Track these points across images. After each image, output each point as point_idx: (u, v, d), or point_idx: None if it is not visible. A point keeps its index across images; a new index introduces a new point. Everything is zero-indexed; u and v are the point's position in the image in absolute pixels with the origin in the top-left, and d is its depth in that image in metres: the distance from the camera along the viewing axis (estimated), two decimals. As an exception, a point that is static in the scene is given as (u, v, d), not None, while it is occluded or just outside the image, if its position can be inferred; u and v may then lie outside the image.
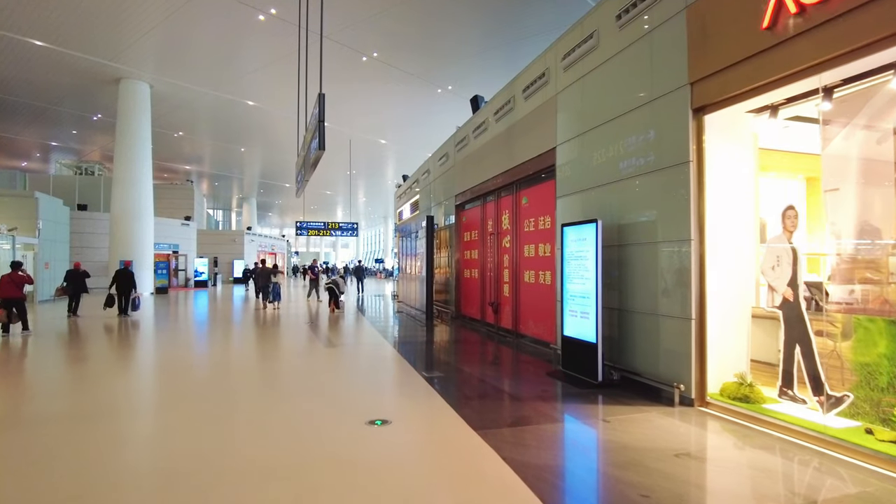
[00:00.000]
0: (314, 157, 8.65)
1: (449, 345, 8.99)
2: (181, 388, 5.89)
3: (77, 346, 9.00)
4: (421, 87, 23.57)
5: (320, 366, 7.05)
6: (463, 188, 11.74)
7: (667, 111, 5.36)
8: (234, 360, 7.55)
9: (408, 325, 11.49)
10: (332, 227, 28.89)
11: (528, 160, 8.50)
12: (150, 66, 20.69)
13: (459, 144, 11.94)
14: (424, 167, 15.81)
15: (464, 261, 12.11)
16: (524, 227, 8.87)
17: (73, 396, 5.54)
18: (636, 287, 5.84)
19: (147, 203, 21.98)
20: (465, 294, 12.01)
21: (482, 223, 10.82)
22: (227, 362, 7.35)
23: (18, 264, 10.15)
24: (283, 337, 10.02)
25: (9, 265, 10.23)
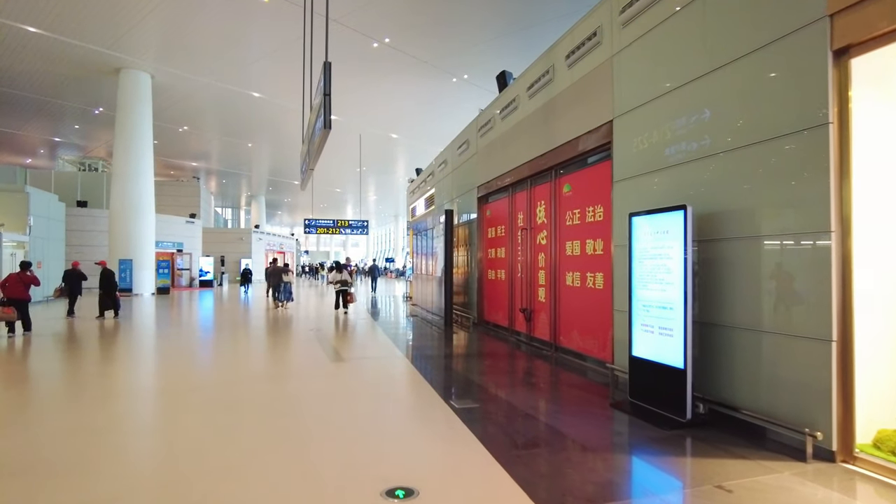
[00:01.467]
0: (319, 139, 7.33)
1: (476, 360, 7.62)
2: (130, 429, 4.58)
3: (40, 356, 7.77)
4: (434, 76, 22.21)
5: (323, 391, 5.68)
6: (487, 178, 10.36)
7: (793, 55, 3.93)
8: (213, 384, 6.17)
9: (425, 333, 10.14)
10: (342, 225, 27.67)
11: (572, 140, 7.10)
12: (151, 54, 19.54)
13: (483, 129, 10.56)
14: (441, 158, 14.46)
15: (487, 260, 10.73)
16: (566, 220, 7.47)
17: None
18: (733, 295, 4.42)
19: (148, 199, 20.84)
20: (490, 298, 10.64)
21: (510, 217, 9.44)
22: (203, 387, 5.99)
23: (28, 265, 10.03)
24: (283, 348, 8.71)
25: (18, 265, 10.18)
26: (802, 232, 3.85)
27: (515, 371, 6.94)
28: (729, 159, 4.47)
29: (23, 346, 8.53)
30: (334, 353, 7.84)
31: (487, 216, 10.71)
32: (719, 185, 4.58)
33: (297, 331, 10.67)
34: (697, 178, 4.81)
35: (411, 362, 7.17)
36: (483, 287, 10.91)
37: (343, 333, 10.25)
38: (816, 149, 3.73)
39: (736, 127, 4.40)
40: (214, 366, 7.10)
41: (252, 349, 8.59)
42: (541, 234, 8.23)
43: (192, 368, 7.09)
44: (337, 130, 27.02)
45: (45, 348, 8.52)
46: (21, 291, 9.52)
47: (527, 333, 8.69)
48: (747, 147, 4.28)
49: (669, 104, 5.18)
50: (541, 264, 8.23)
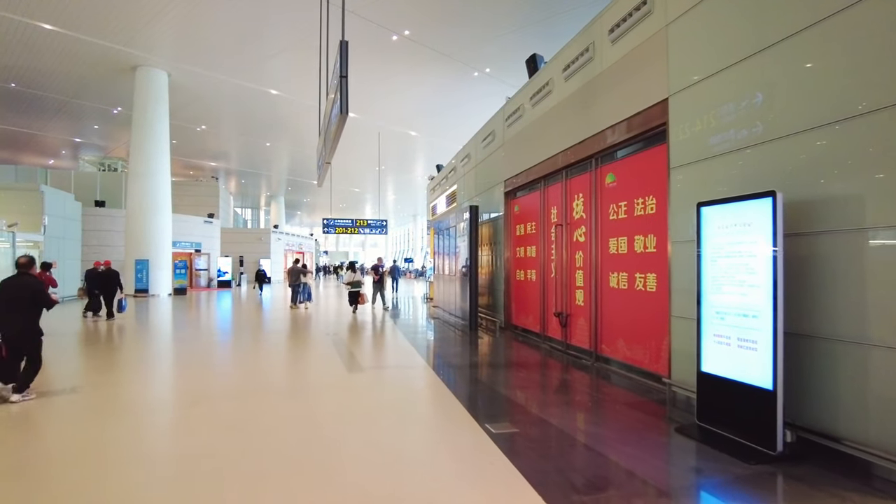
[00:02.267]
0: (336, 127, 6.66)
1: (508, 371, 6.85)
2: (106, 457, 3.93)
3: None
4: (455, 70, 21.51)
5: (338, 409, 4.96)
6: (515, 171, 9.59)
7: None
8: (217, 397, 5.49)
9: (449, 338, 9.42)
10: (361, 225, 27.13)
11: (616, 124, 6.31)
12: (167, 51, 19.21)
13: (511, 118, 9.80)
14: (463, 152, 13.73)
15: (516, 260, 9.96)
16: (609, 214, 6.68)
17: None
18: (833, 300, 3.60)
19: (165, 198, 20.52)
20: (518, 300, 9.86)
21: (542, 212, 8.66)
22: (204, 401, 5.34)
23: (48, 265, 9.90)
24: (297, 355, 8.07)
25: (39, 265, 9.64)
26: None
27: (554, 384, 6.16)
28: (830, 134, 3.64)
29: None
30: (352, 362, 7.16)
31: (515, 212, 9.94)
32: (816, 167, 3.75)
33: (313, 335, 10.04)
34: (786, 158, 3.99)
35: (436, 373, 6.44)
36: (510, 289, 10.14)
37: (362, 338, 9.59)
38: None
39: (839, 94, 3.58)
40: (220, 376, 6.46)
41: (263, 356, 7.96)
42: (578, 230, 7.44)
43: (195, 379, 6.48)
44: (356, 128, 26.47)
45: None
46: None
47: (562, 340, 7.90)
48: (858, 118, 3.46)
49: (746, 73, 4.37)
50: (578, 264, 7.44)
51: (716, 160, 4.68)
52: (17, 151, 31.97)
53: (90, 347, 8.63)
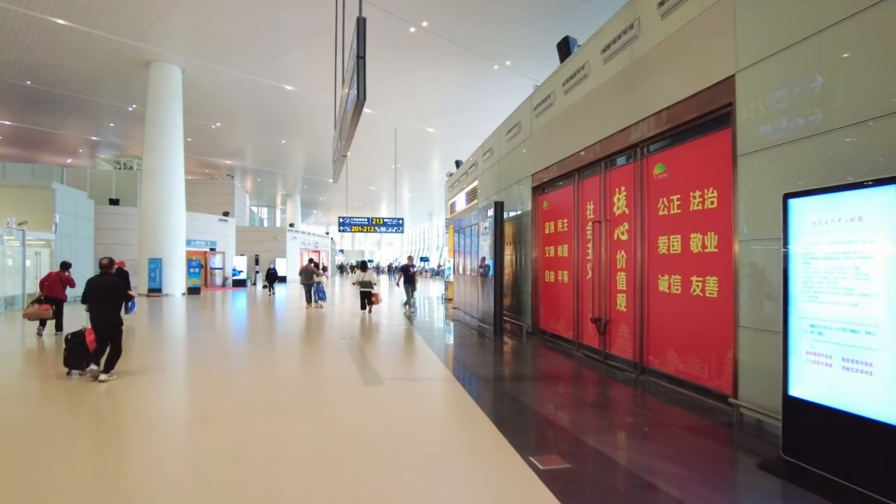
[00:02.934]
0: (352, 114, 6.05)
1: (545, 385, 6.15)
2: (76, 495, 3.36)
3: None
4: (474, 63, 20.82)
5: (354, 433, 4.30)
6: (545, 164, 8.89)
7: None
8: (219, 415, 4.81)
9: (472, 344, 8.75)
10: (377, 223, 26.58)
11: (667, 107, 5.58)
12: (180, 45, 18.83)
13: (539, 107, 9.09)
14: (485, 146, 13.04)
15: (544, 260, 9.25)
16: (657, 209, 5.95)
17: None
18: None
19: (178, 196, 20.16)
20: (548, 304, 9.15)
21: (576, 208, 7.94)
22: (204, 420, 4.71)
23: (68, 265, 10.01)
24: (309, 363, 7.47)
25: (59, 264, 10.16)
26: None
27: (599, 402, 5.45)
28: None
29: (42, 348, 8.25)
30: (369, 371, 6.54)
31: (544, 209, 9.23)
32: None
33: (327, 338, 9.46)
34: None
35: (463, 387, 5.77)
36: (538, 291, 9.44)
37: (379, 343, 8.97)
38: None
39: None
40: (225, 388, 5.87)
41: (273, 364, 7.38)
42: (620, 227, 6.72)
43: (197, 391, 5.91)
44: (371, 125, 25.83)
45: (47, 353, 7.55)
46: (59, 291, 9.50)
47: (600, 349, 7.18)
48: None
49: (838, 38, 3.63)
50: (620, 265, 6.72)
51: (802, 144, 3.95)
52: (36, 150, 32.08)
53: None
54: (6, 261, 13.00)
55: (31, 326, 10.13)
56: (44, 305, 9.16)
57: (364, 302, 13.63)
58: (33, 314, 9.07)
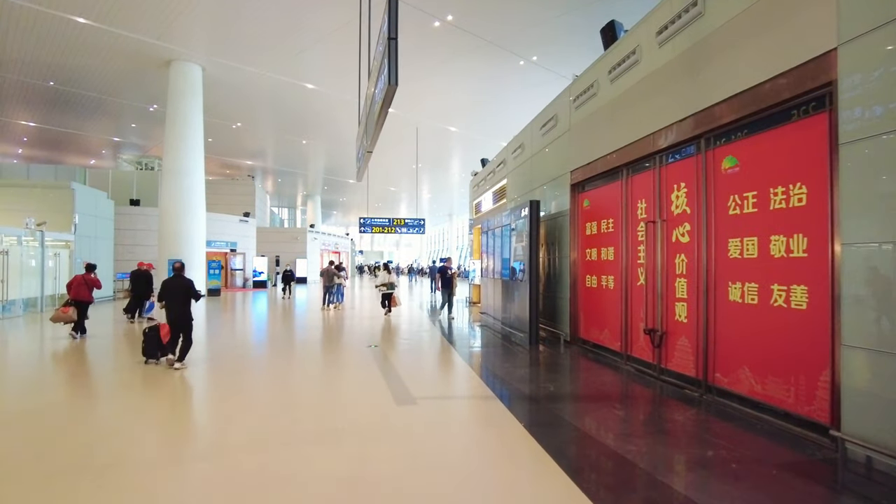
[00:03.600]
0: (381, 105, 5.51)
1: (601, 407, 5.41)
2: None
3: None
4: (499, 59, 20.15)
5: (392, 478, 3.57)
6: (586, 160, 8.21)
7: None
8: (226, 449, 4.09)
9: (508, 355, 8.09)
10: (398, 224, 26.07)
11: (745, 90, 4.87)
12: (201, 43, 18.56)
13: (580, 98, 8.42)
14: (515, 142, 12.39)
15: (584, 263, 8.56)
16: (728, 207, 5.24)
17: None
18: None
19: (199, 196, 19.88)
20: (589, 311, 8.45)
21: (624, 207, 7.25)
22: (206, 456, 4.00)
23: (93, 267, 10.06)
24: (331, 377, 6.88)
25: (84, 266, 10.17)
26: None
27: (667, 428, 4.73)
28: None
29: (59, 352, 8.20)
30: (399, 387, 5.94)
31: (585, 208, 8.54)
32: None
33: (350, 346, 8.92)
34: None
35: (508, 408, 5.10)
36: (577, 297, 8.74)
37: (407, 352, 8.38)
38: None
39: None
40: (238, 410, 5.26)
41: (294, 376, 6.84)
42: (679, 228, 6.02)
43: (206, 415, 5.37)
44: (393, 124, 25.30)
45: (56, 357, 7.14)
46: (85, 293, 9.44)
47: (653, 363, 6.49)
48: None
49: None
50: (680, 270, 6.01)
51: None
52: (60, 152, 32.35)
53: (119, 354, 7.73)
54: (27, 262, 12.74)
55: (58, 329, 9.98)
56: (65, 308, 9.08)
57: (385, 303, 13.60)
58: (57, 318, 9.05)
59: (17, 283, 12.10)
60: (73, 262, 14.74)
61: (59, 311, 9.11)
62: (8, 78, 20.72)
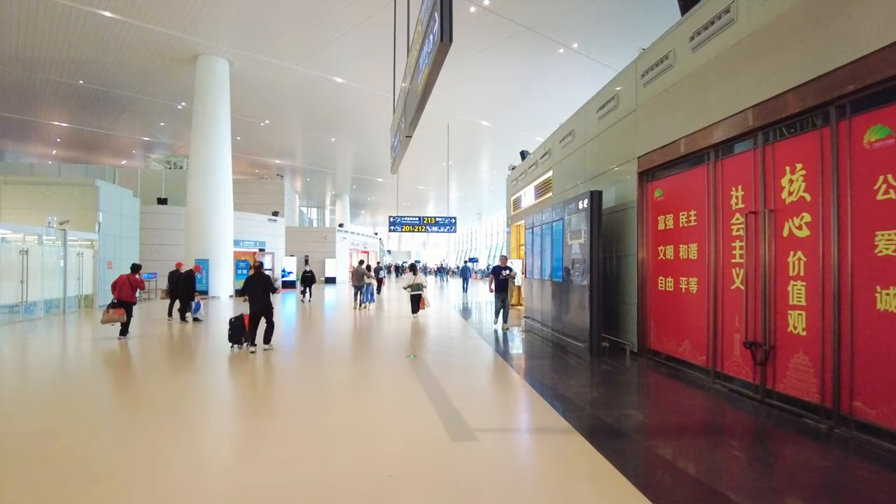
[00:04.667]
0: (431, 66, 4.55)
1: (712, 445, 4.29)
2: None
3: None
4: (538, 47, 19.05)
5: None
6: (659, 142, 7.08)
7: None
8: (247, 491, 3.38)
9: (569, 369, 7.01)
10: (429, 223, 25.11)
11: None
12: (227, 37, 17.99)
13: (650, 73, 7.30)
14: (562, 131, 11.29)
15: (656, 263, 7.42)
16: (875, 191, 4.09)
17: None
18: None
19: (226, 194, 19.36)
20: (662, 318, 7.30)
21: (712, 196, 6.10)
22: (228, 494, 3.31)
23: (138, 267, 10.02)
24: (367, 397, 5.92)
25: (129, 267, 10.10)
26: None
27: (814, 482, 3.59)
28: None
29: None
30: (452, 413, 4.96)
31: (656, 199, 7.40)
32: None
33: (386, 355, 8.00)
34: None
35: (597, 449, 3.97)
36: (647, 301, 7.60)
37: (452, 364, 7.40)
38: None
39: None
40: (264, 439, 4.37)
41: (325, 394, 5.93)
42: (795, 219, 4.87)
43: (227, 440, 4.50)
44: (423, 119, 24.48)
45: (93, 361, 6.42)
46: (128, 293, 9.34)
47: (753, 383, 5.34)
48: None
49: None
50: (794, 271, 4.86)
51: None
52: (92, 152, 32.59)
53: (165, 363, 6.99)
54: (49, 261, 12.25)
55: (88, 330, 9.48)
56: (118, 309, 9.04)
57: (415, 306, 13.19)
58: (107, 319, 9.02)
59: (38, 284, 11.61)
60: (98, 262, 14.28)
61: (108, 312, 9.04)
62: (40, 78, 20.61)
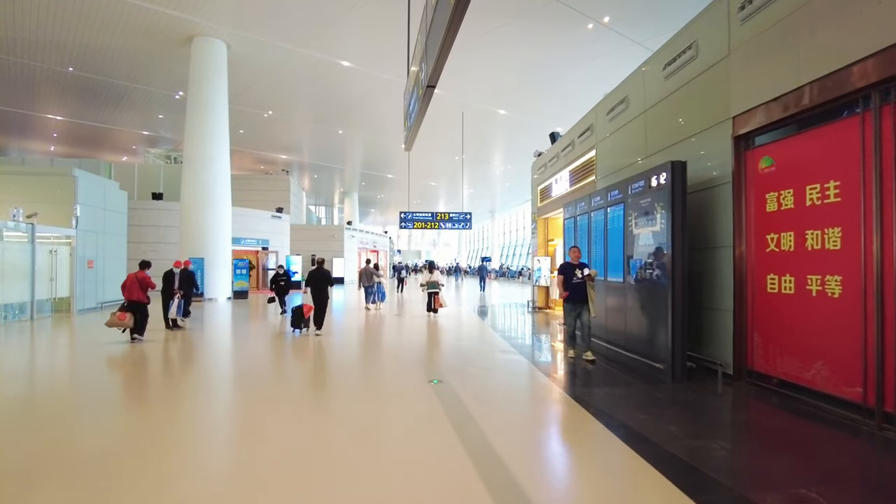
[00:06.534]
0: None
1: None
2: None
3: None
4: (565, 23, 17.16)
5: None
6: (771, 93, 5.19)
7: None
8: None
9: (654, 402, 5.15)
10: (442, 219, 23.28)
11: None
12: (223, 15, 16.32)
13: (751, 5, 5.45)
14: (609, 101, 9.44)
15: (765, 257, 5.52)
16: None
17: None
18: None
19: (223, 188, 17.70)
20: (774, 329, 5.38)
21: (874, 159, 4.24)
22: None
23: (147, 264, 9.22)
24: (385, 437, 4.16)
25: (138, 264, 9.24)
26: None
27: None
28: None
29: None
30: (500, 474, 3.19)
31: (764, 171, 5.51)
32: None
33: (405, 378, 6.22)
34: None
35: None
36: (748, 309, 5.71)
37: (488, 392, 5.60)
38: None
39: None
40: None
41: (327, 437, 4.17)
42: None
43: None
44: (436, 109, 22.69)
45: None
46: (138, 293, 8.61)
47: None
48: None
49: None
50: None
51: None
52: (92, 149, 31.26)
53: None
54: (15, 259, 10.63)
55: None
56: (121, 314, 8.38)
57: (430, 304, 13.07)
58: (112, 324, 8.41)
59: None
60: (76, 261, 12.66)
61: (114, 315, 8.41)
62: (26, 64, 19.12)
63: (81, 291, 12.92)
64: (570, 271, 7.34)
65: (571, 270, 7.32)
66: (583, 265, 7.34)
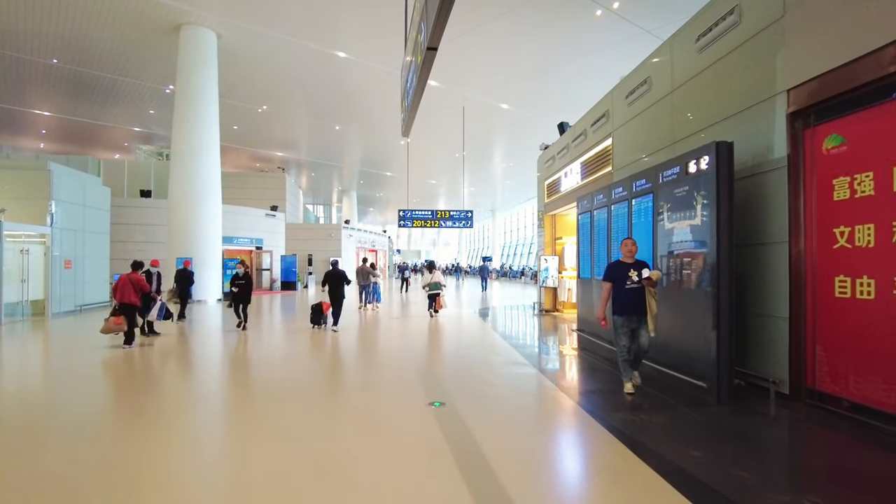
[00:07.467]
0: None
1: None
2: None
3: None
4: (571, 10, 16.30)
5: None
6: (840, 58, 4.32)
7: None
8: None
9: (705, 433, 4.21)
10: (442, 217, 22.35)
11: None
12: (214, 2, 15.45)
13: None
14: (630, 82, 8.53)
15: (830, 255, 4.61)
16: None
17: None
18: None
19: (213, 183, 16.81)
20: (844, 342, 4.45)
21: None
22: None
23: (139, 265, 8.69)
24: (382, 484, 3.30)
25: (130, 265, 8.70)
26: None
27: None
28: None
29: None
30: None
31: (828, 152, 4.62)
32: None
33: (404, 399, 5.32)
34: None
35: None
36: (808, 316, 4.80)
37: (503, 424, 4.68)
38: None
39: None
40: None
41: (315, 482, 3.30)
42: None
43: None
44: (435, 103, 21.56)
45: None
46: (131, 296, 8.16)
47: None
48: None
49: None
50: None
51: None
52: (83, 146, 30.41)
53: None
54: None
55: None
56: (116, 318, 8.03)
57: (431, 304, 12.97)
58: (106, 330, 8.04)
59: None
60: (50, 261, 11.78)
61: (109, 321, 8.03)
62: (7, 55, 18.26)
63: (58, 293, 12.03)
64: (622, 273, 5.43)
65: (625, 272, 5.41)
66: (640, 264, 5.44)
